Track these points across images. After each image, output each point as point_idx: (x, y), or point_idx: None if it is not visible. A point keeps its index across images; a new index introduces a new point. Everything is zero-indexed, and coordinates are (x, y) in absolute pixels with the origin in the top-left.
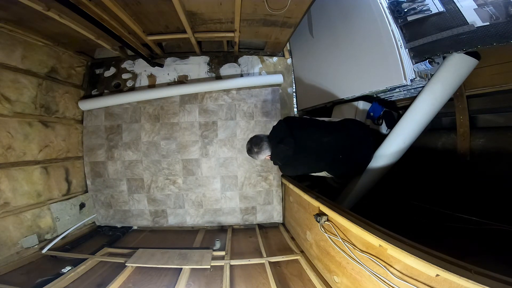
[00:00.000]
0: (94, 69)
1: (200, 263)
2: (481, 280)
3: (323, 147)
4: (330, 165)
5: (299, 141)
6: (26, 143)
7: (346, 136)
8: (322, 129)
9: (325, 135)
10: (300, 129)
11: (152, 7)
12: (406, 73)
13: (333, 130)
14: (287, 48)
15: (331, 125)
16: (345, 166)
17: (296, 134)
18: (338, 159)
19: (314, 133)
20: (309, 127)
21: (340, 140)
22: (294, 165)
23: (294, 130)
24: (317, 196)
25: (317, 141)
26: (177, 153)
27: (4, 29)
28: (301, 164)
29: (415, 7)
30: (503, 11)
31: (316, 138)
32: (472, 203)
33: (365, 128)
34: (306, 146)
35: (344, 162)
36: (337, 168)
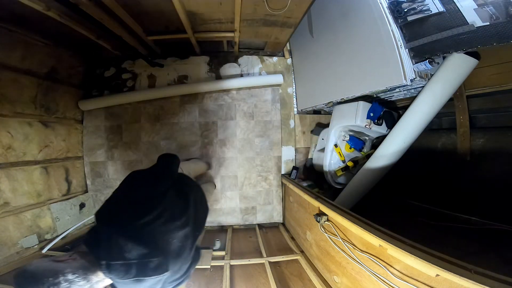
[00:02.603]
0: (94, 69)
1: (200, 263)
2: (481, 280)
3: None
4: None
5: (167, 251)
6: (26, 143)
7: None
8: (171, 218)
9: (179, 225)
10: (163, 230)
11: (152, 7)
12: (406, 73)
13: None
14: (287, 48)
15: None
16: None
17: (160, 244)
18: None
19: (168, 226)
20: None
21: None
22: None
23: (149, 240)
24: (317, 196)
25: (180, 236)
26: (177, 153)
27: (4, 29)
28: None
29: (415, 7)
30: (503, 11)
31: (175, 234)
32: (472, 203)
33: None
34: (173, 249)
35: (199, 231)
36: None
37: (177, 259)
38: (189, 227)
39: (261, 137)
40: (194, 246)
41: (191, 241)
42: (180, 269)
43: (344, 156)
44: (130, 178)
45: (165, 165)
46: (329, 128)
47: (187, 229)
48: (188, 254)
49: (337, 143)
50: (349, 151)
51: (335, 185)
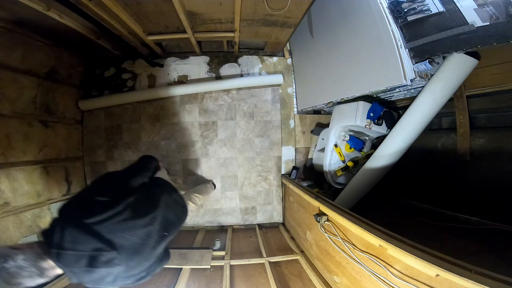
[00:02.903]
0: (94, 69)
1: (200, 263)
2: (481, 280)
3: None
4: (163, 247)
5: (123, 247)
6: (26, 143)
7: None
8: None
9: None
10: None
11: (152, 7)
12: (406, 73)
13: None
14: (287, 48)
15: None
16: (174, 235)
17: (115, 240)
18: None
19: (127, 225)
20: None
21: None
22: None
23: (105, 235)
24: (317, 196)
25: (141, 233)
26: (177, 153)
27: (4, 29)
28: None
29: (415, 7)
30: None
31: (135, 232)
32: (472, 203)
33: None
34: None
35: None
36: (167, 243)
37: (134, 256)
38: (153, 226)
39: (261, 137)
40: (162, 246)
41: (155, 240)
42: (138, 265)
43: (344, 156)
44: (101, 176)
45: (139, 165)
46: (329, 128)
47: (151, 228)
48: (149, 252)
49: (337, 143)
50: (349, 151)
51: (335, 185)
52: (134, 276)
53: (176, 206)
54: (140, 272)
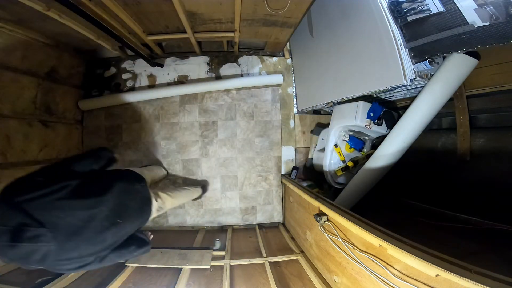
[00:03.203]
0: (94, 69)
1: (200, 263)
2: (481, 280)
3: (91, 221)
4: (116, 234)
5: (57, 226)
6: (26, 143)
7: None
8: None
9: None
10: (46, 208)
11: (152, 7)
12: (406, 73)
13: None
14: (287, 48)
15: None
16: (133, 224)
17: (46, 218)
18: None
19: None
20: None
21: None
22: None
23: (35, 212)
24: (317, 196)
25: (82, 215)
26: (177, 153)
27: (4, 29)
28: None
29: (415, 7)
30: (503, 11)
31: (73, 212)
32: (472, 203)
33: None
34: (69, 227)
35: (131, 221)
36: (125, 231)
37: (72, 237)
38: (98, 210)
39: (261, 137)
40: (115, 232)
41: (101, 224)
42: (77, 248)
43: (344, 156)
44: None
45: (86, 153)
46: (329, 128)
47: (95, 211)
48: (94, 236)
49: (337, 143)
50: (349, 151)
51: (335, 185)
52: (74, 259)
53: (137, 196)
54: (83, 256)
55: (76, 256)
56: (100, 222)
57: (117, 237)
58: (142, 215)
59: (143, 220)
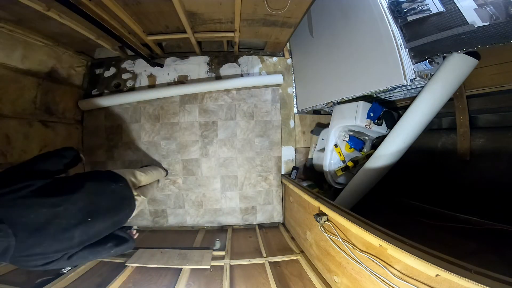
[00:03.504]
0: (94, 69)
1: (200, 263)
2: (481, 280)
3: (58, 217)
4: (85, 233)
5: (18, 223)
6: (26, 143)
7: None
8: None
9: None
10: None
11: (152, 7)
12: (406, 73)
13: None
14: (287, 48)
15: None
16: (106, 223)
17: (5, 215)
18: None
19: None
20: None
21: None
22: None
23: None
24: (317, 196)
25: (46, 213)
26: (177, 153)
27: (4, 29)
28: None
29: (415, 7)
30: (503, 11)
31: (43, 209)
32: (472, 203)
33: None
34: (32, 224)
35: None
36: (97, 230)
37: (34, 233)
38: (64, 208)
39: (261, 137)
40: (85, 231)
41: (67, 222)
42: (40, 244)
43: (344, 156)
44: None
45: (50, 153)
46: (329, 128)
47: (59, 209)
48: (59, 233)
49: (337, 143)
50: (349, 151)
51: (335, 185)
52: (38, 255)
53: (112, 196)
54: (48, 253)
55: (40, 252)
56: (66, 220)
57: (88, 235)
58: (117, 214)
59: (120, 219)
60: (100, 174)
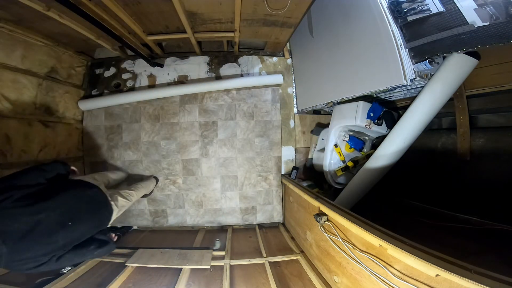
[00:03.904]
0: (94, 69)
1: (200, 263)
2: (481, 280)
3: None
4: (68, 236)
5: (5, 233)
6: (26, 143)
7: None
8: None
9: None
10: None
11: (152, 7)
12: (406, 73)
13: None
14: (287, 48)
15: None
16: (87, 226)
17: None
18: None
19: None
20: None
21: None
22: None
23: None
24: (317, 196)
25: (28, 220)
26: (177, 153)
27: (4, 29)
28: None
29: (415, 7)
30: (503, 11)
31: (24, 217)
32: (472, 203)
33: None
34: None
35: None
36: (78, 233)
37: (21, 240)
38: (44, 215)
39: (261, 137)
40: (67, 234)
41: (49, 228)
42: (29, 249)
43: (344, 156)
44: None
45: (32, 168)
46: (329, 128)
47: (40, 216)
48: (44, 238)
49: (337, 143)
50: (349, 151)
51: (335, 185)
52: (29, 259)
53: (89, 201)
54: (37, 256)
55: (30, 256)
56: (49, 225)
57: (71, 238)
58: (97, 217)
59: (100, 221)
60: (77, 182)
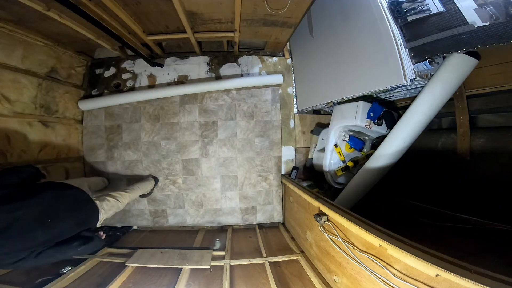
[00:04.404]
0: (94, 69)
1: (200, 263)
2: (481, 280)
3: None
4: (48, 232)
5: None
6: (26, 143)
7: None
8: None
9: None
10: None
11: (152, 7)
12: (406, 73)
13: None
14: (287, 48)
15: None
16: (68, 223)
17: None
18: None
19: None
20: None
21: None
22: None
23: None
24: (317, 196)
25: (6, 217)
26: (177, 153)
27: (4, 29)
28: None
29: (415, 7)
30: (503, 11)
31: (1, 214)
32: (472, 203)
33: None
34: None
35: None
36: (58, 230)
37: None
38: (22, 212)
39: (261, 137)
40: (47, 231)
41: (28, 224)
42: (7, 244)
43: (344, 156)
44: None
45: (6, 170)
46: (329, 128)
47: (18, 213)
48: (22, 234)
49: (337, 143)
50: (349, 151)
51: (335, 185)
52: (6, 254)
53: (69, 200)
54: (15, 251)
55: (7, 252)
56: (26, 222)
57: (52, 235)
58: (78, 215)
59: (83, 220)
60: (56, 184)
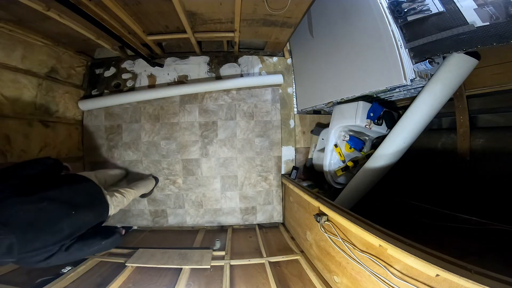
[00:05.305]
0: (94, 69)
1: (200, 263)
2: (481, 280)
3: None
4: (73, 224)
5: (11, 221)
6: (26, 143)
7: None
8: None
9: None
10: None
11: (152, 7)
12: (406, 73)
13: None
14: (287, 48)
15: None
16: (88, 216)
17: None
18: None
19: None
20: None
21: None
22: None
23: None
24: (317, 196)
25: (31, 208)
26: (177, 153)
27: (4, 29)
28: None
29: (415, 7)
30: (503, 11)
31: (26, 205)
32: (472, 203)
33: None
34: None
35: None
36: (82, 222)
37: (29, 229)
38: (46, 203)
39: (261, 137)
40: (73, 223)
41: (55, 215)
42: (37, 238)
43: (344, 156)
44: None
45: (27, 162)
46: (329, 128)
47: (43, 204)
48: (50, 226)
49: (337, 143)
50: (349, 151)
51: (335, 185)
52: (40, 250)
53: (86, 192)
54: (47, 246)
55: (40, 246)
56: (52, 213)
57: (77, 226)
58: (95, 208)
59: (99, 214)
60: (72, 176)
